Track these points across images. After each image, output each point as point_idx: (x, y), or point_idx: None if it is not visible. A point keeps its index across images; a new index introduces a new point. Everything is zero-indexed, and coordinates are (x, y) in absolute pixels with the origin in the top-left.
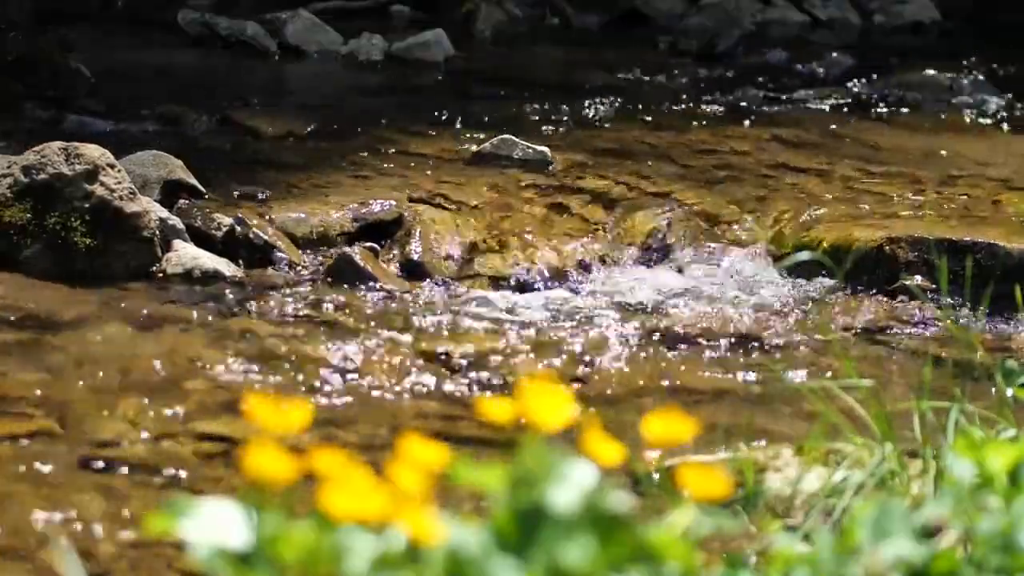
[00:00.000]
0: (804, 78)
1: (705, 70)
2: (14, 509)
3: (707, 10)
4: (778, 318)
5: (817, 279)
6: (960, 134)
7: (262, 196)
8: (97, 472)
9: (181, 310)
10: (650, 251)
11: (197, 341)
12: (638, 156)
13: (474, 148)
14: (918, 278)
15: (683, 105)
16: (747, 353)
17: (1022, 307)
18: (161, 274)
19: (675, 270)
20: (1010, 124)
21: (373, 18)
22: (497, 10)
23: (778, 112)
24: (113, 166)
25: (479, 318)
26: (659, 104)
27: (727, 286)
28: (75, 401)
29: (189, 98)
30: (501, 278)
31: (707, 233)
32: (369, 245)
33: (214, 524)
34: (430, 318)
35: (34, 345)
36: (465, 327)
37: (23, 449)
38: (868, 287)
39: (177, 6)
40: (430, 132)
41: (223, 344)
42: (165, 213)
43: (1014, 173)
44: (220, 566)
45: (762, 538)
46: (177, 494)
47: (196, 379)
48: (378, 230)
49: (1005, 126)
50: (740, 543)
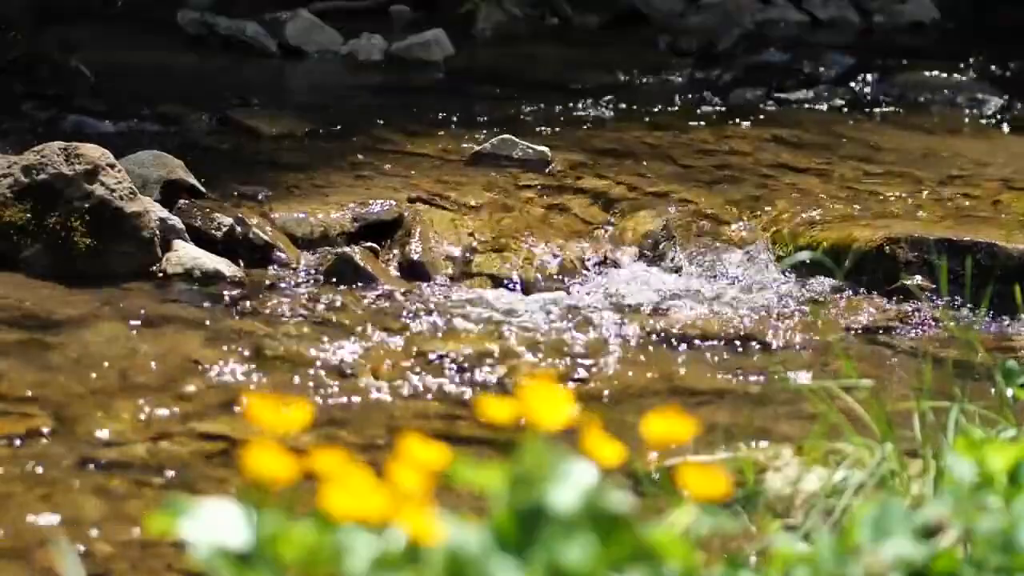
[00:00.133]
0: (804, 78)
1: (705, 70)
2: (14, 509)
3: (707, 10)
4: (778, 318)
5: (817, 279)
6: (960, 134)
7: (262, 196)
8: (97, 472)
9: (181, 310)
10: (650, 251)
11: (197, 341)
12: (638, 156)
13: (474, 148)
14: (918, 278)
15: (683, 105)
16: (747, 353)
17: (1022, 307)
18: (161, 274)
19: (675, 270)
20: (1010, 124)
21: (373, 18)
22: (497, 10)
23: (778, 112)
24: (113, 166)
25: (479, 318)
26: (659, 104)
27: (727, 286)
28: (75, 401)
29: (189, 98)
30: (501, 278)
31: (707, 233)
32: (369, 245)
33: (214, 524)
34: (430, 318)
35: (34, 345)
36: (465, 327)
37: (23, 449)
38: (868, 287)
39: (177, 6)
40: (430, 132)
41: (223, 344)
42: (165, 213)
43: (1014, 173)
44: (220, 566)
45: (762, 538)
46: (177, 494)
47: (196, 379)
48: (378, 230)
49: (1005, 126)
50: (740, 543)
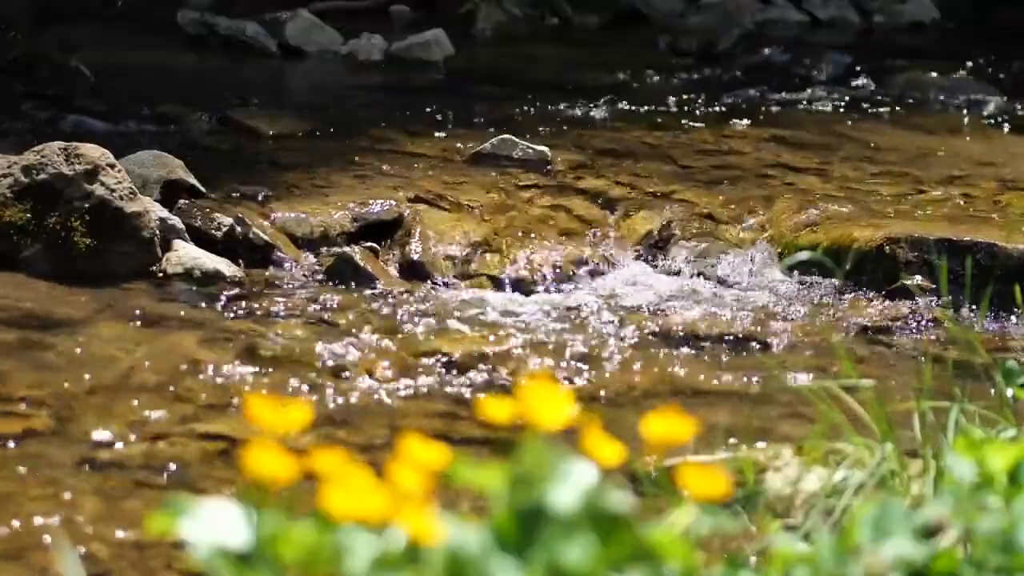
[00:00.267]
0: (804, 78)
1: (705, 70)
2: (14, 509)
3: (707, 10)
4: (778, 318)
5: (817, 279)
6: (960, 134)
7: (262, 196)
8: (96, 472)
9: (181, 310)
10: (650, 251)
11: (197, 341)
12: (638, 156)
13: (474, 148)
14: (918, 278)
15: (683, 105)
16: (747, 353)
17: (1022, 307)
18: (161, 274)
19: (674, 270)
20: (1010, 124)
21: (373, 18)
22: (497, 10)
23: (778, 112)
24: (113, 166)
25: (479, 318)
26: (659, 104)
27: (726, 286)
28: (74, 401)
29: (189, 98)
30: (500, 278)
31: (707, 233)
32: (369, 245)
33: (214, 524)
34: (430, 318)
35: (34, 345)
36: (465, 327)
37: (23, 449)
38: (868, 287)
39: (177, 6)
40: (430, 132)
41: (223, 344)
42: (165, 213)
43: (1014, 173)
44: (220, 566)
45: (762, 538)
46: (177, 494)
47: (196, 379)
48: (378, 230)
49: (1005, 126)
50: (740, 543)
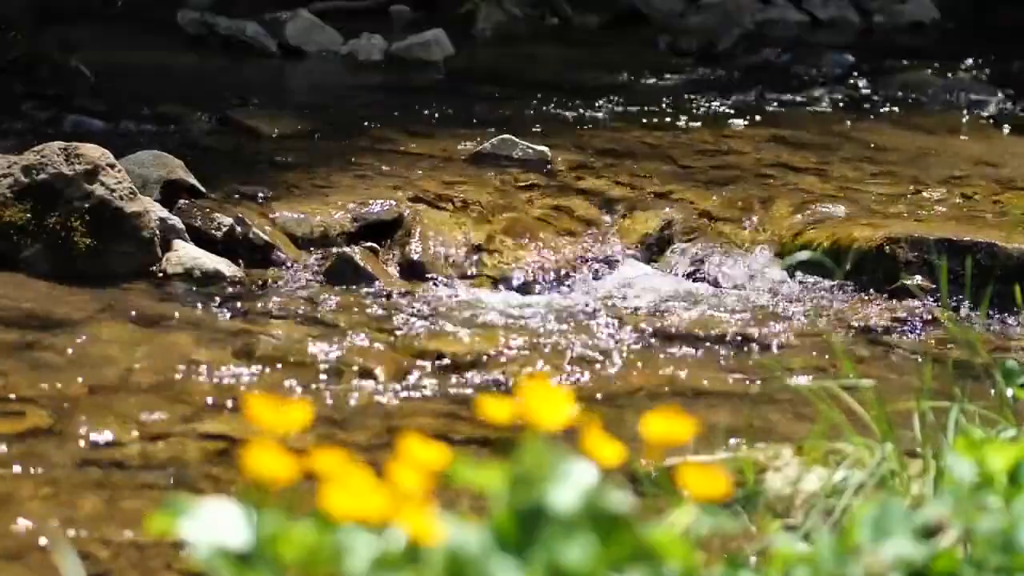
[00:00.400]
0: (804, 78)
1: (705, 70)
2: (14, 509)
3: (707, 10)
4: (778, 318)
5: (817, 279)
6: (960, 134)
7: (262, 196)
8: (96, 472)
9: (181, 310)
10: (650, 251)
11: (197, 341)
12: (638, 156)
13: (474, 148)
14: (918, 278)
15: (683, 105)
16: (747, 353)
17: (1022, 307)
18: (161, 274)
19: (674, 270)
20: (1010, 124)
21: (373, 18)
22: (497, 10)
23: (778, 112)
24: (113, 166)
25: (479, 318)
26: (659, 104)
27: (726, 286)
28: (75, 401)
29: (189, 98)
30: (501, 278)
31: (706, 233)
32: (369, 245)
33: (214, 524)
34: (430, 318)
35: (34, 345)
36: (465, 327)
37: (23, 449)
38: (868, 287)
39: (177, 6)
40: (430, 132)
41: (223, 344)
42: (165, 213)
43: (1014, 173)
44: (220, 566)
45: (762, 538)
46: (177, 494)
47: (196, 379)
48: (378, 230)
49: (1005, 126)
50: (740, 543)
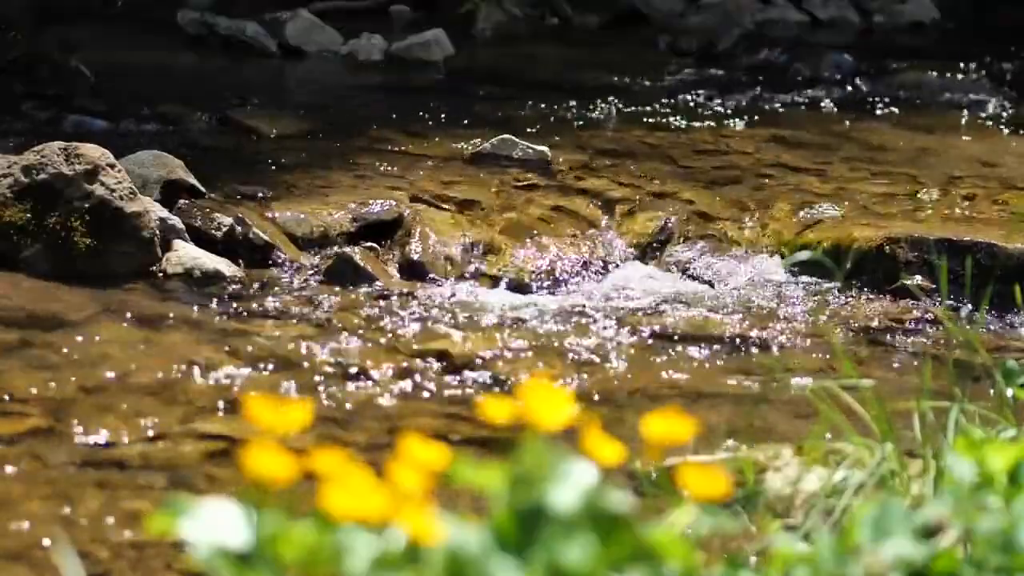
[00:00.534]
0: (804, 78)
1: (705, 70)
2: (14, 509)
3: (707, 10)
4: (778, 318)
5: (817, 279)
6: (960, 134)
7: (262, 196)
8: (96, 472)
9: (181, 310)
10: (650, 251)
11: (197, 341)
12: (638, 156)
13: (474, 148)
14: (918, 278)
15: (683, 105)
16: (747, 353)
17: (1022, 307)
18: (161, 274)
19: (674, 270)
20: (1010, 124)
21: (373, 18)
22: (497, 10)
23: (778, 112)
24: (113, 166)
25: (479, 318)
26: (659, 104)
27: (726, 286)
28: (75, 401)
29: (189, 98)
30: (500, 278)
31: (707, 233)
32: (369, 245)
33: (214, 524)
34: (430, 318)
35: (34, 345)
36: (465, 327)
37: (23, 449)
38: (868, 287)
39: (177, 6)
40: (430, 132)
41: (223, 344)
42: (165, 213)
43: (1014, 173)
44: (220, 566)
45: (762, 538)
46: (177, 494)
47: (196, 379)
48: (378, 230)
49: (1005, 126)
50: (740, 543)
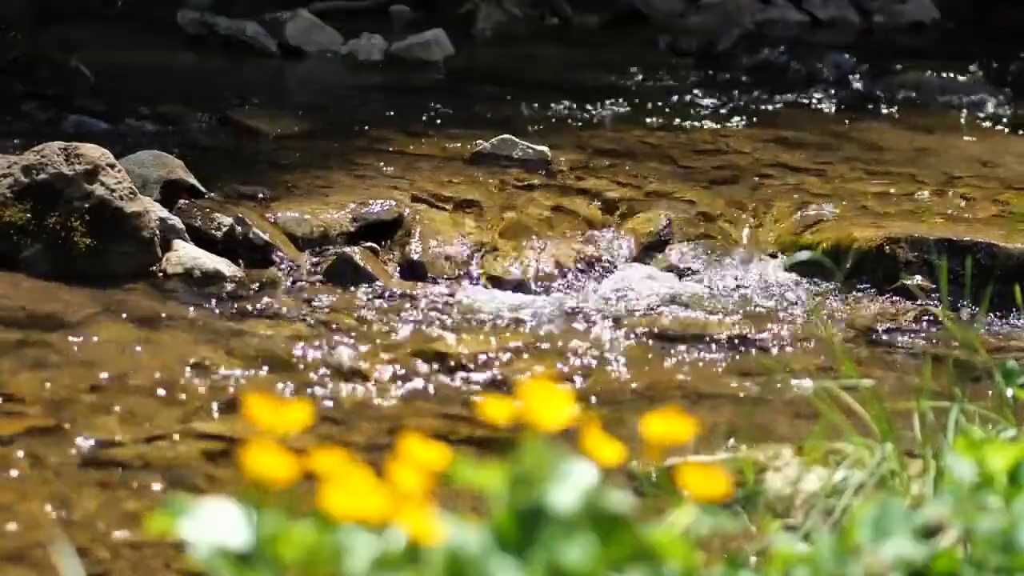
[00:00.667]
0: (804, 78)
1: (705, 70)
2: (13, 509)
3: (707, 10)
4: (778, 318)
5: (817, 279)
6: (960, 134)
7: (262, 196)
8: (96, 472)
9: (181, 310)
10: (650, 251)
11: (197, 341)
12: (638, 156)
13: (474, 148)
14: (918, 278)
15: (683, 105)
16: (747, 353)
17: (1022, 307)
18: (161, 274)
19: (674, 270)
20: (1010, 124)
21: (373, 18)
22: (497, 10)
23: (778, 112)
24: (113, 166)
25: (478, 318)
26: (659, 104)
27: (726, 286)
28: (75, 401)
29: (189, 98)
30: (500, 278)
31: (707, 233)
32: (369, 245)
33: (214, 524)
34: (430, 318)
35: (34, 345)
36: (465, 327)
37: (22, 449)
38: (868, 287)
39: (177, 6)
40: (430, 132)
41: (223, 344)
42: (165, 213)
43: (1014, 173)
44: (220, 566)
45: (762, 538)
46: (177, 494)
47: (196, 379)
48: (378, 230)
49: (1005, 126)
50: (740, 543)
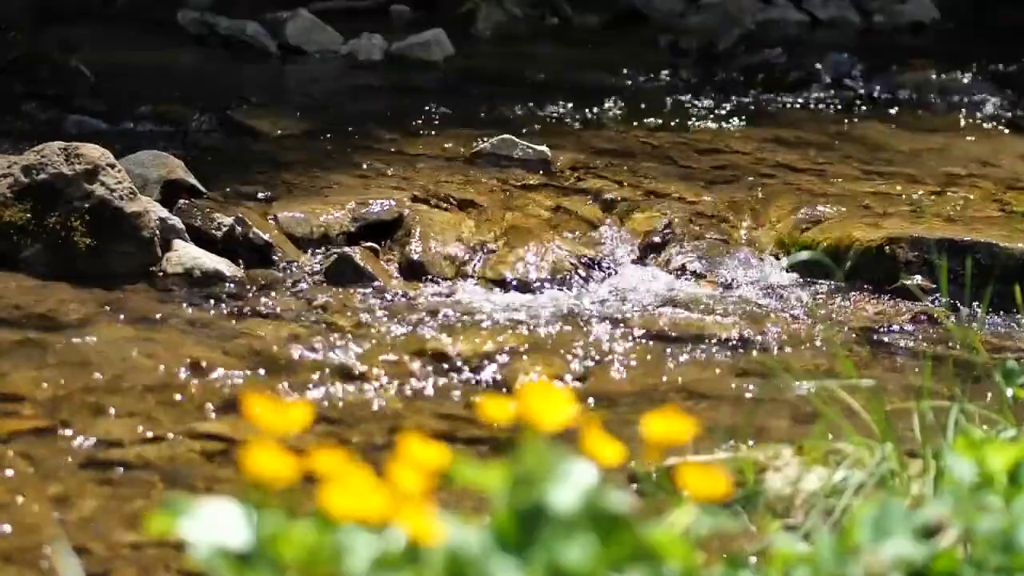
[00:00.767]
0: (804, 78)
1: (705, 70)
2: (13, 509)
3: (707, 10)
4: (778, 318)
5: (817, 279)
6: (960, 134)
7: (262, 196)
8: (96, 472)
9: (181, 310)
10: (650, 251)
11: (196, 341)
12: (638, 156)
13: (474, 148)
14: (918, 278)
15: (683, 105)
16: (747, 353)
17: (1022, 307)
18: (161, 274)
19: (674, 270)
20: (1010, 124)
21: (373, 18)
22: (497, 10)
23: (778, 112)
24: (113, 166)
25: (479, 318)
26: (659, 104)
27: (726, 286)
28: (75, 401)
29: (189, 98)
30: (501, 278)
31: (707, 233)
32: (369, 245)
33: (214, 524)
34: (430, 318)
35: (34, 345)
36: (465, 327)
37: (22, 449)
38: (868, 287)
39: (177, 6)
40: (430, 132)
41: (223, 344)
42: (165, 213)
43: (1014, 173)
44: (220, 566)
45: (762, 538)
46: (177, 494)
47: (196, 379)
48: (378, 230)
49: (1005, 126)
50: (740, 543)
